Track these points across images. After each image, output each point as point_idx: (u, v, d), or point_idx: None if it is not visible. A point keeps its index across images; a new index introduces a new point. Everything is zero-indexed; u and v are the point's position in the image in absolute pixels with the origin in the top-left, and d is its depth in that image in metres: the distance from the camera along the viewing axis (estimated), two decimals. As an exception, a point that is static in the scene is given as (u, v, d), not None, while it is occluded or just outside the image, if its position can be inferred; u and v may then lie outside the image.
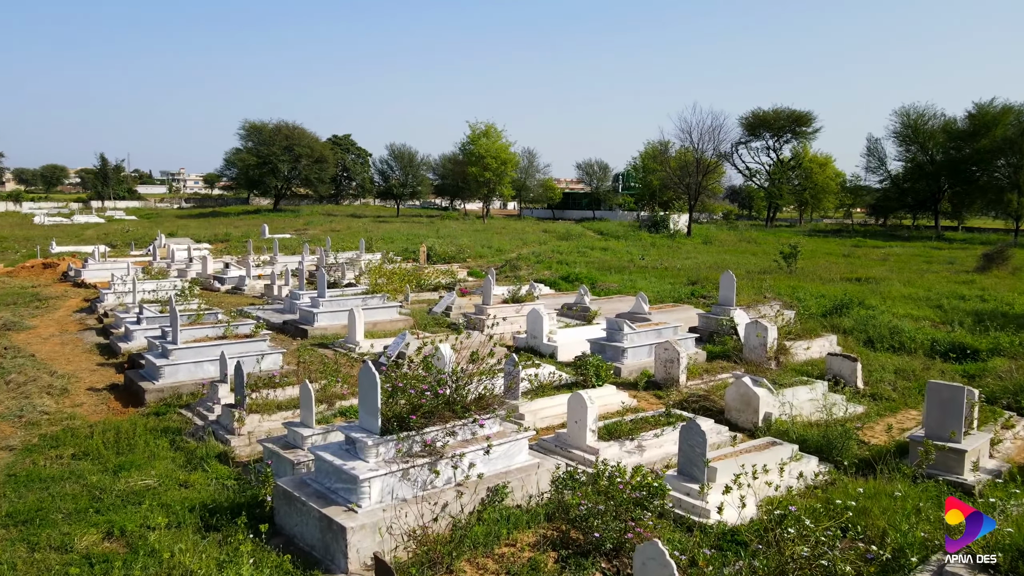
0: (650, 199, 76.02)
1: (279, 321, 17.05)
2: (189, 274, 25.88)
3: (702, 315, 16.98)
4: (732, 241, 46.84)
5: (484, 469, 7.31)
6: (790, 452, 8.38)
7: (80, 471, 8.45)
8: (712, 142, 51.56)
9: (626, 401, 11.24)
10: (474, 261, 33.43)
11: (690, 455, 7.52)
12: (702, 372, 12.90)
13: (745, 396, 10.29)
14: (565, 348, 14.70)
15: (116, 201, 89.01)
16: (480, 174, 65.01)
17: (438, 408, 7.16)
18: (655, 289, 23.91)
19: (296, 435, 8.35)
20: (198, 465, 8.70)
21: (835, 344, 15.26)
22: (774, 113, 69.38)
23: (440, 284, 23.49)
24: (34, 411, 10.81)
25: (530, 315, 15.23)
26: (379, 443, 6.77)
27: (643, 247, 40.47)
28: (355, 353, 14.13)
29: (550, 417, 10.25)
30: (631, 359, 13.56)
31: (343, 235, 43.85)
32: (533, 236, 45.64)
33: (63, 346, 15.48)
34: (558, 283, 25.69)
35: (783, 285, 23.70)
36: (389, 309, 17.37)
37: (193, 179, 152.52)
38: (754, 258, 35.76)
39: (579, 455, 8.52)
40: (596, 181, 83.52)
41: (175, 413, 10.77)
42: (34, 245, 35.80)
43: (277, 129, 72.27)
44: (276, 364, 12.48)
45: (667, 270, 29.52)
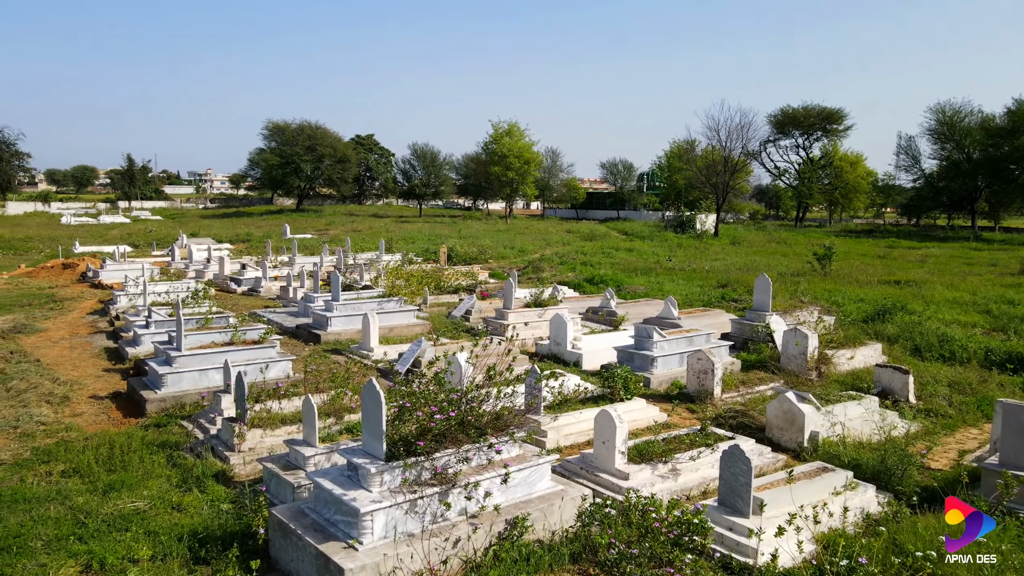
0: (675, 199, 74.74)
1: (292, 325, 16.46)
2: (207, 275, 25.50)
3: (735, 321, 16.05)
4: (761, 242, 45.59)
5: (501, 499, 6.55)
6: (844, 480, 7.50)
7: (68, 491, 7.84)
8: (740, 140, 50.33)
9: (657, 416, 10.40)
10: (496, 262, 32.70)
11: (733, 485, 6.69)
12: (738, 384, 12.02)
13: (789, 413, 9.41)
14: (590, 356, 13.89)
15: (142, 201, 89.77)
16: (503, 174, 64.26)
17: (450, 430, 6.41)
18: (683, 292, 22.99)
19: (297, 455, 7.66)
20: (194, 485, 8.05)
21: (880, 353, 14.26)
22: (804, 111, 67.73)
23: (460, 286, 22.78)
24: (31, 421, 10.26)
25: (553, 320, 14.44)
26: (384, 470, 6.04)
27: (669, 248, 39.45)
28: (368, 360, 13.46)
29: (575, 434, 9.46)
30: (661, 369, 12.72)
31: (364, 235, 43.40)
32: (556, 236, 44.82)
33: (71, 350, 15.02)
34: (582, 285, 24.86)
35: (818, 288, 22.63)
36: (406, 313, 16.69)
37: (219, 179, 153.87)
38: (785, 259, 34.59)
39: (607, 479, 7.73)
40: (620, 181, 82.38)
41: (176, 425, 10.15)
42: (62, 245, 35.78)
43: (300, 129, 72.22)
44: (284, 372, 11.84)
45: (695, 272, 28.54)
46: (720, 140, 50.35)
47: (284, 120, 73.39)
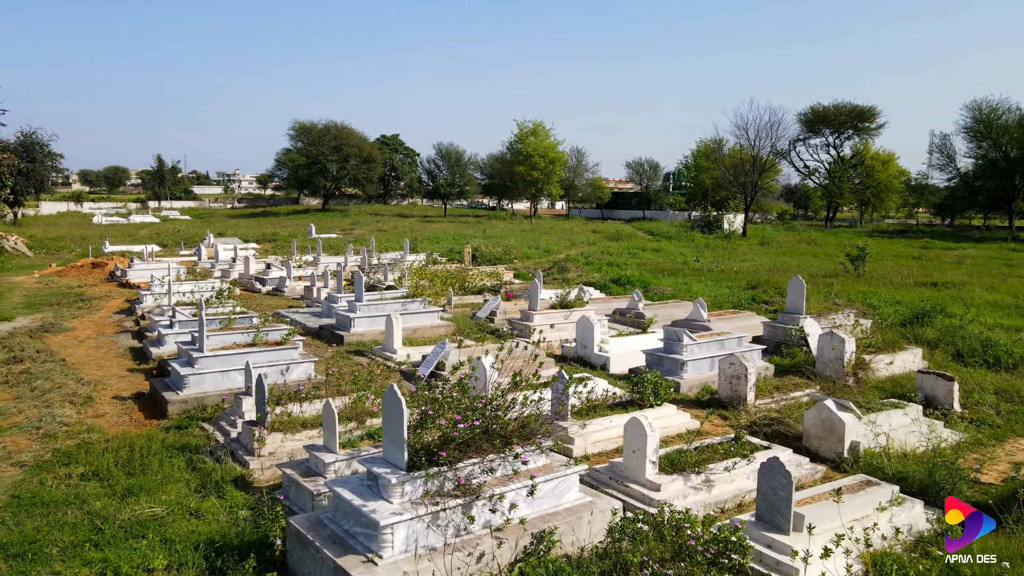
0: (702, 198, 73.83)
1: (315, 326, 16.33)
2: (232, 274, 25.56)
3: (767, 324, 15.58)
4: (791, 242, 44.73)
5: (527, 511, 6.26)
6: (889, 494, 7.08)
7: (86, 495, 7.71)
8: (769, 139, 49.44)
9: (688, 423, 10.04)
10: (521, 262, 32.42)
11: (772, 499, 6.32)
12: (772, 389, 11.60)
13: (828, 422, 8.99)
14: (618, 359, 13.55)
15: (172, 201, 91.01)
16: (528, 173, 63.98)
17: (474, 439, 6.14)
18: (712, 293, 22.50)
19: (317, 461, 7.44)
20: (213, 490, 7.88)
21: (920, 359, 13.72)
22: (835, 109, 66.41)
23: (485, 287, 22.53)
24: (53, 422, 10.20)
25: (580, 323, 14.12)
26: (405, 480, 5.79)
27: (697, 248, 38.85)
28: (392, 362, 13.25)
29: (603, 441, 9.14)
30: (691, 373, 12.34)
31: (389, 235, 43.39)
32: (582, 237, 44.42)
33: (96, 350, 15.03)
34: (608, 286, 24.47)
35: (852, 290, 22.02)
36: (430, 314, 16.47)
37: (247, 180, 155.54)
38: (816, 260, 33.85)
39: (637, 490, 7.40)
40: (646, 180, 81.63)
41: (197, 427, 10.02)
42: (92, 244, 36.22)
43: (326, 129, 72.64)
44: (307, 374, 11.66)
45: (723, 273, 27.98)
46: (749, 139, 49.57)
47: (310, 120, 73.96)
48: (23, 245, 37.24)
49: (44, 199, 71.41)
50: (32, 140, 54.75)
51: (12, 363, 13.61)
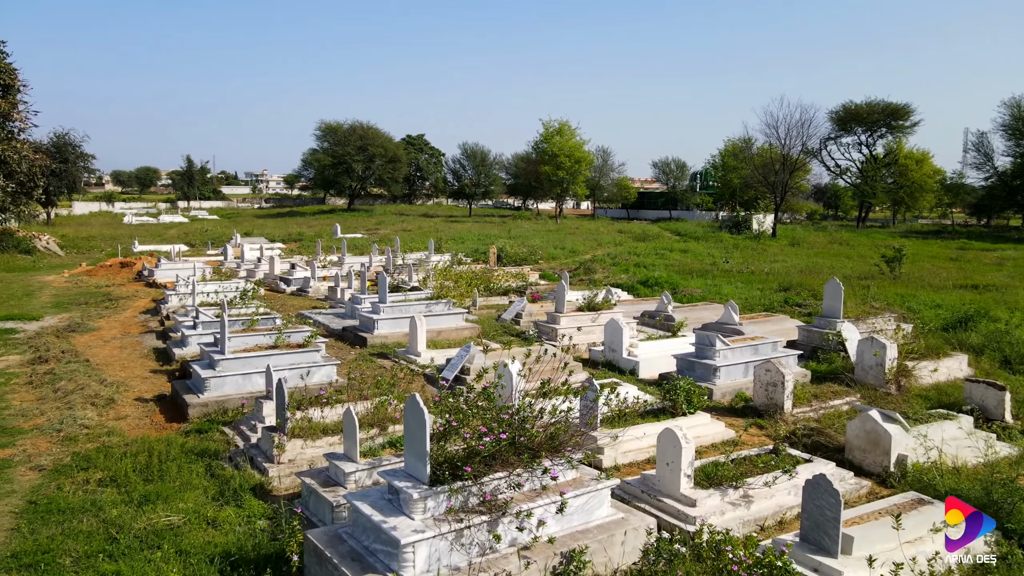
0: (730, 198, 72.78)
1: (339, 327, 16.14)
2: (257, 274, 25.55)
3: (802, 328, 15.06)
4: (822, 243, 43.76)
5: (556, 528, 5.92)
6: (943, 514, 6.62)
7: (102, 502, 7.53)
8: (800, 137, 48.41)
9: (723, 433, 9.62)
10: (546, 263, 32.05)
11: (819, 519, 5.91)
12: (810, 397, 11.11)
13: (873, 434, 8.52)
14: (647, 364, 13.14)
15: (200, 201, 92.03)
16: (553, 173, 63.55)
17: (500, 452, 5.81)
18: (743, 296, 21.94)
19: (337, 470, 7.17)
20: (231, 498, 7.65)
21: (965, 365, 13.12)
22: (867, 106, 64.98)
23: (510, 288, 22.21)
24: (74, 424, 10.08)
25: (608, 326, 13.73)
26: (427, 495, 5.48)
27: (725, 249, 38.14)
28: (415, 365, 12.98)
29: (634, 451, 8.76)
30: (724, 379, 11.89)
31: (414, 235, 43.28)
32: (608, 237, 43.91)
33: (121, 350, 14.99)
34: (636, 288, 24.01)
35: (889, 293, 21.32)
36: (454, 316, 16.18)
37: (275, 180, 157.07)
38: (849, 262, 33.00)
39: (672, 506, 7.02)
40: (673, 180, 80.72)
41: (217, 431, 9.83)
42: (121, 244, 36.60)
43: (352, 129, 72.89)
44: (329, 377, 11.43)
45: (753, 274, 27.34)
46: (779, 137, 48.57)
47: (336, 120, 74.27)
48: (55, 245, 37.76)
49: (76, 199, 72.57)
50: (65, 141, 55.61)
51: (37, 363, 13.60)
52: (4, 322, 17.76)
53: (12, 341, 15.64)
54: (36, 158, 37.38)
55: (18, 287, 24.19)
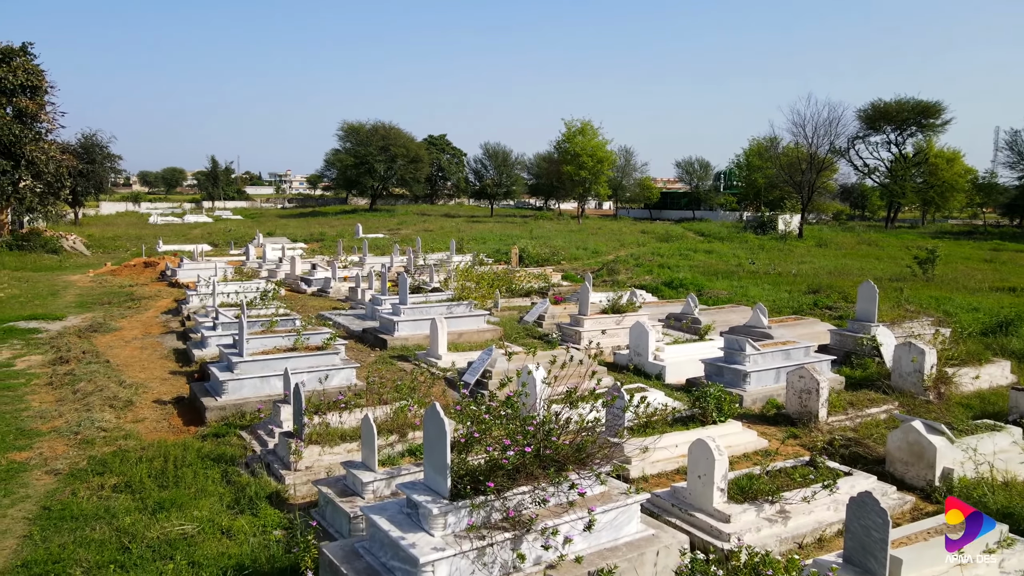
0: (754, 198, 71.80)
1: (359, 329, 15.94)
2: (279, 275, 25.51)
3: (834, 332, 14.58)
4: (850, 244, 42.92)
5: (583, 545, 5.61)
6: (997, 534, 6.21)
7: (116, 509, 7.35)
8: (828, 136, 47.52)
9: (755, 442, 9.24)
10: (568, 264, 31.70)
11: (864, 540, 5.53)
12: (846, 405, 10.67)
13: (916, 445, 8.09)
14: (674, 368, 12.77)
15: (225, 201, 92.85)
16: (575, 173, 63.11)
17: (524, 465, 5.51)
18: (770, 298, 21.45)
19: (355, 480, 6.92)
20: (246, 506, 7.44)
21: (1009, 372, 12.59)
22: (897, 104, 63.65)
23: (532, 289, 21.91)
24: (92, 427, 9.96)
25: (633, 329, 13.37)
26: (448, 511, 5.20)
27: (751, 250, 37.51)
28: (436, 369, 12.73)
29: (662, 461, 8.41)
30: (755, 385, 11.49)
31: (435, 235, 43.15)
32: (631, 237, 43.44)
33: (142, 350, 14.92)
34: (660, 289, 23.58)
35: (923, 295, 20.69)
36: (476, 318, 15.92)
37: (298, 180, 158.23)
38: (879, 263, 32.26)
39: (704, 521, 6.67)
40: (696, 180, 79.86)
41: (235, 435, 9.65)
42: (146, 244, 36.89)
43: (374, 130, 73.03)
44: (348, 381, 11.22)
45: (781, 276, 26.78)
46: (806, 136, 47.72)
47: (359, 121, 74.46)
48: (81, 244, 38.14)
49: (103, 199, 73.53)
50: (92, 142, 56.33)
51: (58, 364, 13.56)
52: (28, 322, 17.82)
53: (35, 341, 15.66)
54: (63, 159, 37.81)
55: (44, 286, 24.37)
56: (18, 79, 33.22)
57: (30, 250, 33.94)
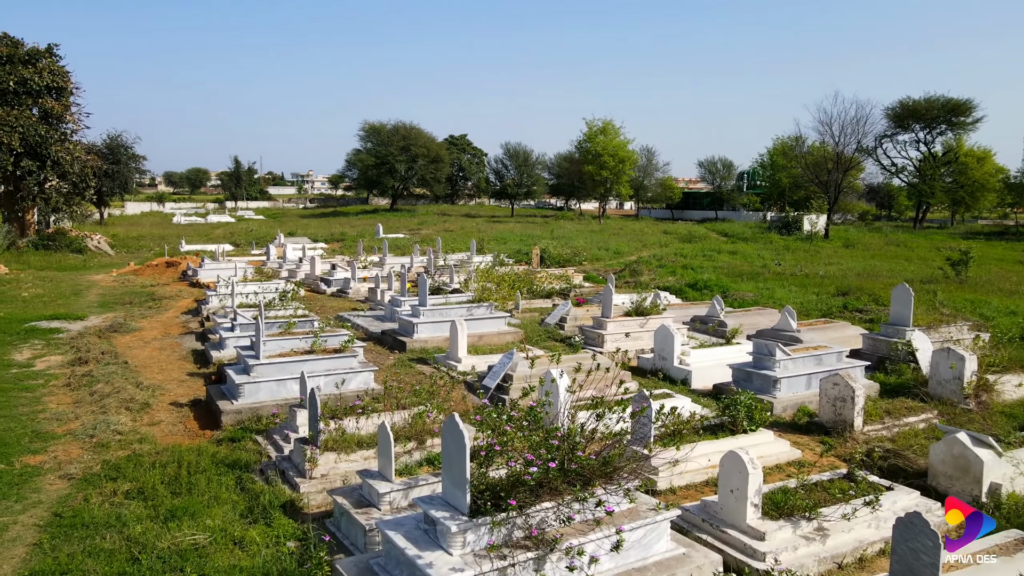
0: (778, 198, 70.77)
1: (378, 330, 15.73)
2: (299, 275, 25.43)
3: (867, 336, 14.09)
4: (878, 245, 42.02)
5: (610, 565, 5.31)
6: (1055, 558, 5.79)
7: (127, 517, 7.16)
8: (855, 135, 46.59)
9: (788, 452, 8.85)
10: (590, 264, 31.32)
11: (912, 564, 5.15)
12: (882, 414, 10.22)
13: (961, 459, 7.66)
14: (700, 373, 12.39)
15: (248, 201, 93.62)
16: (597, 173, 62.64)
17: (549, 480, 5.21)
18: (797, 300, 20.93)
19: (371, 490, 6.66)
20: (260, 516, 7.21)
21: (1052, 379, 12.02)
22: (926, 102, 62.26)
23: (554, 290, 21.58)
24: (107, 430, 9.82)
25: (659, 332, 13.01)
26: (467, 528, 4.92)
27: (776, 251, 36.83)
28: (456, 372, 12.46)
29: (691, 472, 8.06)
30: (785, 392, 11.07)
31: (456, 235, 42.96)
32: (653, 238, 42.90)
33: (161, 351, 14.84)
34: (684, 291, 23.14)
35: (957, 298, 20.05)
36: (496, 320, 15.63)
37: (320, 180, 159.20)
38: (909, 264, 31.49)
39: (737, 539, 6.32)
40: (719, 180, 78.92)
41: (250, 440, 9.45)
42: (169, 243, 37.12)
43: (395, 130, 73.09)
44: (366, 384, 10.99)
45: (808, 277, 26.18)
46: (832, 135, 46.84)
47: (380, 121, 74.57)
48: (106, 244, 38.47)
49: (128, 200, 74.38)
50: (117, 143, 56.90)
51: (77, 364, 13.50)
52: (50, 321, 17.86)
53: (55, 341, 15.65)
54: (88, 159, 38.15)
55: (67, 286, 24.52)
56: (44, 80, 33.55)
57: (55, 250, 34.27)
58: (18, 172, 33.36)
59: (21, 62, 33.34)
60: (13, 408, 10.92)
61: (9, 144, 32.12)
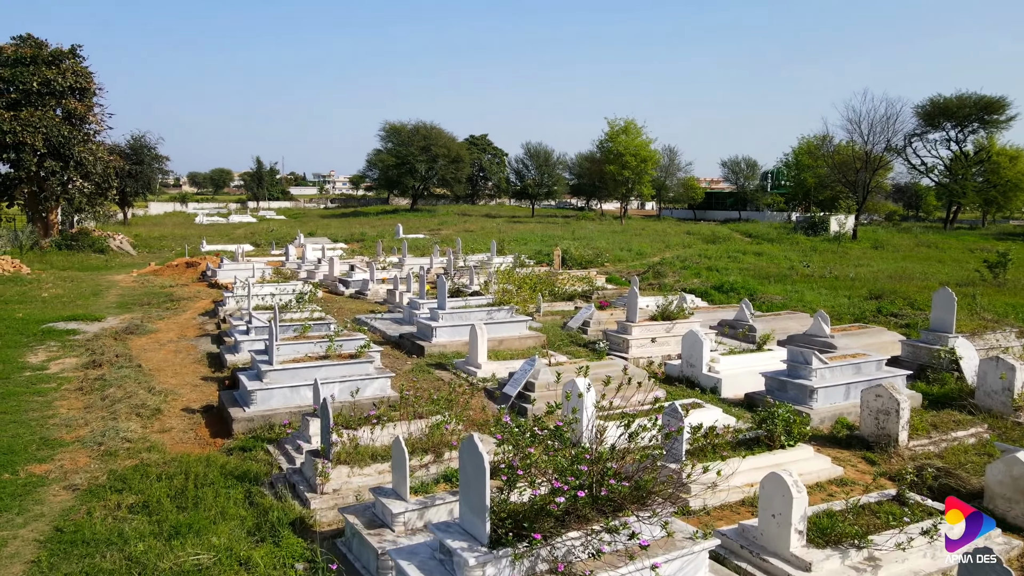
0: (803, 198, 69.59)
1: (396, 334, 15.34)
2: (317, 276, 25.18)
3: (906, 343, 13.45)
4: (908, 246, 40.95)
5: (644, 601, 4.82)
6: None
7: (130, 533, 6.81)
8: (884, 134, 45.49)
9: (829, 470, 8.29)
10: (612, 266, 30.75)
11: (983, 606, 4.62)
12: (928, 428, 9.61)
13: (1022, 480, 7.07)
14: (731, 381, 11.84)
15: (269, 202, 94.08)
16: (618, 172, 61.97)
17: (577, 508, 4.75)
18: (828, 304, 20.24)
19: (384, 510, 6.24)
20: (268, 534, 6.82)
21: (1108, 391, 11.30)
22: (958, 100, 60.80)
23: (576, 292, 21.08)
24: (116, 437, 9.52)
25: (687, 338, 12.47)
26: (486, 561, 4.47)
27: (802, 252, 35.99)
28: (475, 378, 12.03)
29: (725, 491, 7.54)
30: (822, 402, 10.50)
31: (476, 236, 42.58)
32: (676, 238, 42.21)
33: (176, 354, 14.58)
34: (710, 293, 22.52)
35: (997, 303, 19.25)
36: (517, 324, 15.17)
37: (341, 181, 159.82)
38: (942, 266, 30.53)
39: (780, 569, 5.80)
40: (742, 179, 77.86)
41: (261, 450, 9.09)
42: (190, 244, 37.14)
43: (415, 130, 72.98)
44: (383, 391, 10.59)
45: (838, 280, 25.42)
46: (861, 133, 45.79)
47: (400, 121, 74.47)
48: (128, 244, 38.61)
49: (152, 200, 75.02)
50: (141, 143, 57.30)
51: (91, 367, 13.28)
52: (68, 322, 17.71)
53: (71, 343, 15.46)
54: (110, 159, 38.30)
55: (88, 286, 24.47)
56: (67, 81, 33.70)
57: (78, 250, 34.41)
58: (41, 173, 33.54)
59: (45, 63, 33.52)
60: (23, 413, 10.68)
61: (33, 144, 32.29)
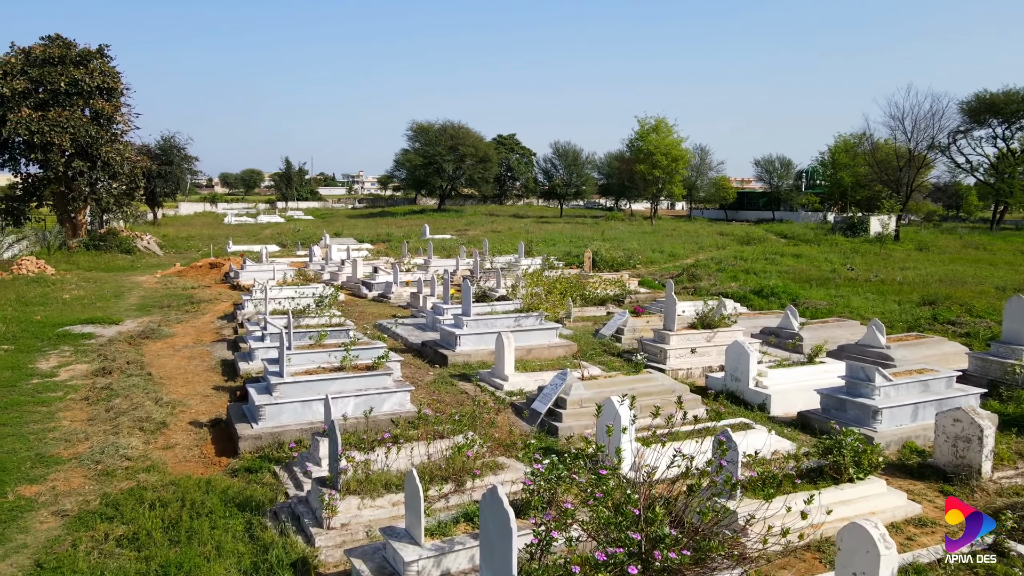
0: (840, 198, 67.50)
1: (418, 341, 14.55)
2: (340, 277, 24.56)
3: (974, 356, 12.29)
4: (954, 248, 39.15)
5: None
6: None
7: (116, 570, 6.08)
8: (929, 131, 43.64)
9: (904, 507, 7.26)
10: (644, 268, 29.70)
11: None
12: (1014, 456, 8.53)
13: None
14: (780, 398, 10.82)
15: (298, 202, 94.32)
16: (649, 172, 60.67)
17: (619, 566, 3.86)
18: (877, 310, 19.03)
19: (396, 556, 5.41)
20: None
21: None
22: (1005, 96, 58.35)
23: (607, 296, 20.13)
24: (115, 455, 8.84)
25: (731, 349, 11.48)
26: (513, 645, 3.60)
27: (843, 254, 34.50)
28: (502, 391, 11.17)
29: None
30: (887, 424, 9.45)
31: (503, 236, 41.75)
32: (708, 240, 40.92)
33: (189, 360, 13.95)
34: (749, 298, 21.40)
35: (1063, 310, 17.83)
36: (546, 331, 14.27)
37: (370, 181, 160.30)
38: (995, 270, 28.90)
39: (864, 640, 4.84)
40: (776, 179, 75.90)
41: (268, 472, 8.34)
42: (217, 244, 36.89)
43: (443, 129, 72.41)
44: (402, 406, 9.79)
45: (884, 284, 24.07)
46: (904, 130, 44.00)
47: (428, 121, 73.98)
48: (155, 244, 38.50)
49: (182, 200, 75.53)
50: (170, 144, 57.52)
51: (100, 375, 12.70)
52: (84, 326, 17.26)
53: (84, 348, 14.95)
54: (138, 160, 38.22)
55: (110, 288, 24.13)
56: (95, 81, 33.58)
57: (105, 250, 34.32)
58: (69, 173, 33.47)
59: (73, 63, 33.45)
60: (23, 426, 10.08)
61: (60, 145, 32.22)
